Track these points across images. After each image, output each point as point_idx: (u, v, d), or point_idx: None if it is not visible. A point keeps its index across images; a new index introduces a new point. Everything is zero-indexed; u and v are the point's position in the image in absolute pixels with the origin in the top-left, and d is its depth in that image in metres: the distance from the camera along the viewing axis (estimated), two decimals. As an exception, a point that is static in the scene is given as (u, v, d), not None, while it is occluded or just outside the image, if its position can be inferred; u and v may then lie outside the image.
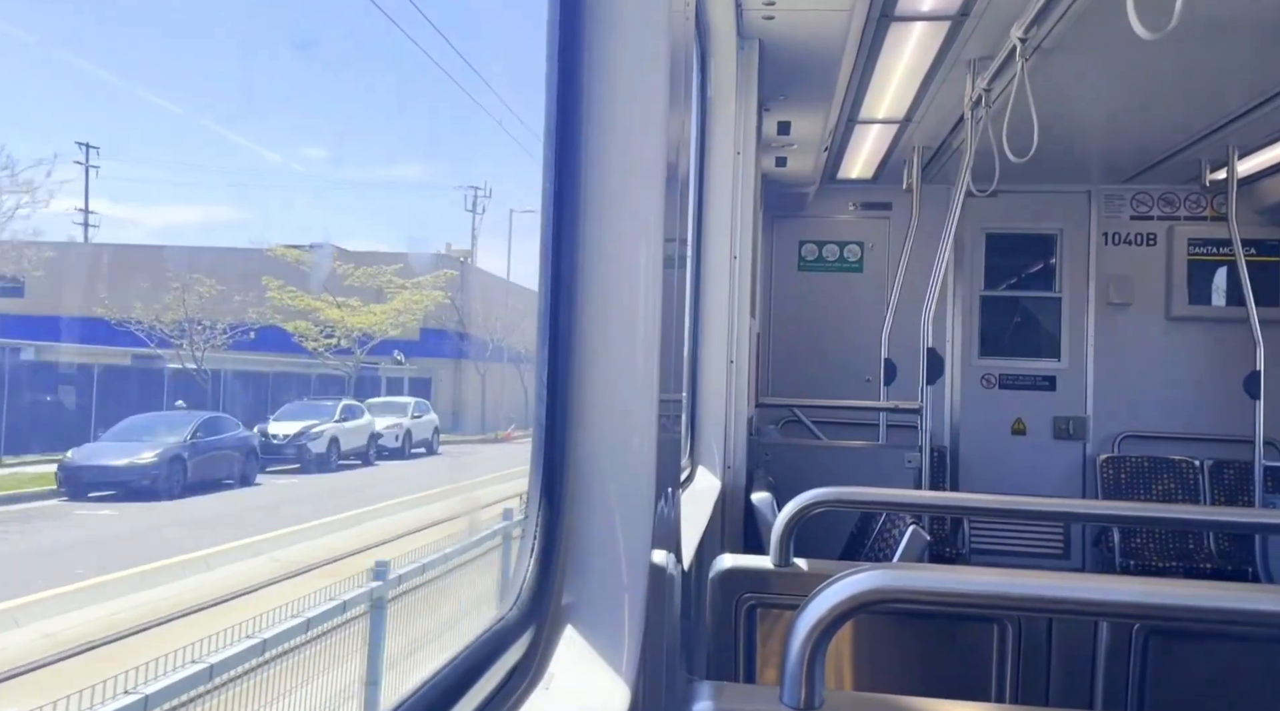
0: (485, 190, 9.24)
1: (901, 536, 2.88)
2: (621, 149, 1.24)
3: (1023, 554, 6.09)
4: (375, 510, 5.34)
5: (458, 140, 12.87)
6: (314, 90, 6.60)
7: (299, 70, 6.36)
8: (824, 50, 3.75)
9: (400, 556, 4.37)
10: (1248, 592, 0.94)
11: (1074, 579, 0.95)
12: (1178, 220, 6.29)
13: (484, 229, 9.11)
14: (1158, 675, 1.71)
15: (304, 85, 6.51)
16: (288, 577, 3.89)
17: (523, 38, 1.52)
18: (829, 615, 0.93)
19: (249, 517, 4.17)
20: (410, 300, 6.31)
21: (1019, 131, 3.70)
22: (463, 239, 9.09)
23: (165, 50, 4.01)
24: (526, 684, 1.09)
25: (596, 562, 1.21)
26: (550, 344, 1.23)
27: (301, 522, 4.53)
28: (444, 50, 5.32)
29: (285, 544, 4.11)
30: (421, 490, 6.36)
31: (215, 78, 4.60)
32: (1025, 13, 3.40)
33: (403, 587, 4.21)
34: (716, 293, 3.65)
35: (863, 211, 6.62)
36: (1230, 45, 3.71)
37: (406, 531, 5.27)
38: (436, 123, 11.16)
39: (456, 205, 9.17)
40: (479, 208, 9.16)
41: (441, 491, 6.72)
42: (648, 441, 1.24)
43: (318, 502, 4.85)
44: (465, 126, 9.13)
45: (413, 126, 13.38)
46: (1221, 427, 5.95)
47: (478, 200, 9.24)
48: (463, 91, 6.12)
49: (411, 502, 5.87)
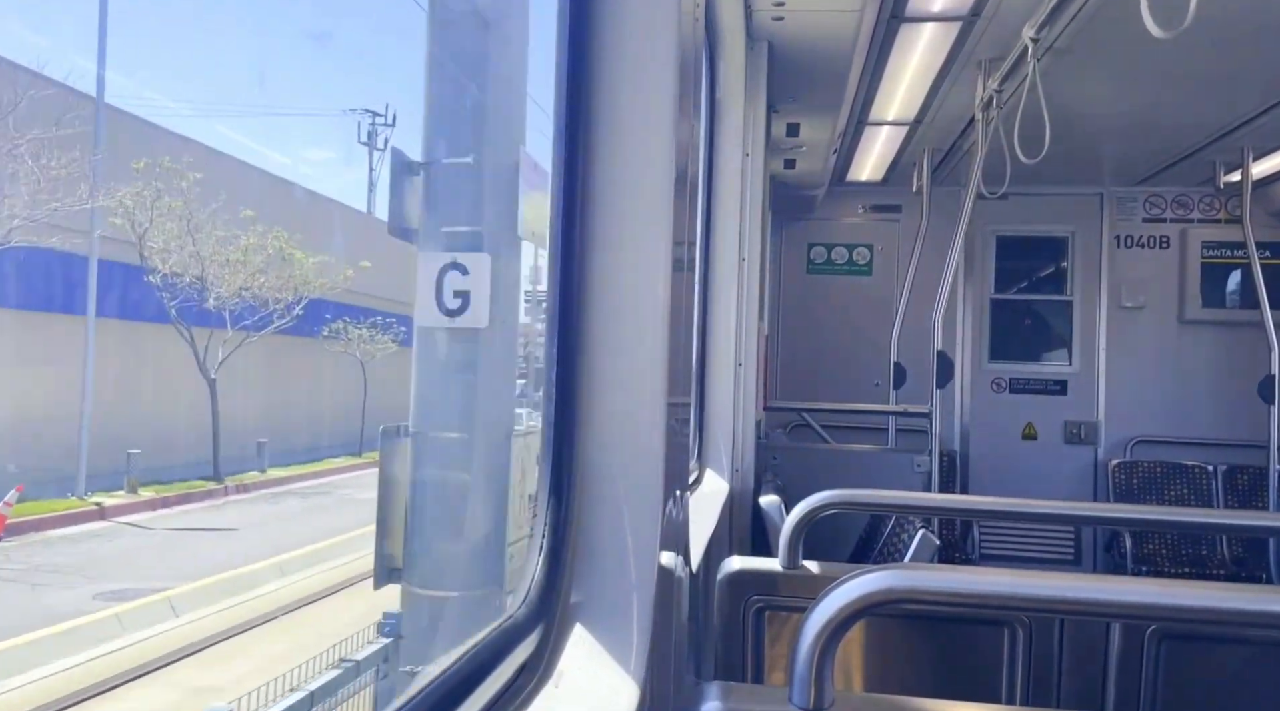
0: (387, 117, 7.12)
1: (911, 540, 2.87)
2: (631, 150, 1.24)
3: (1033, 559, 6.06)
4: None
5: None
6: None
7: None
8: (834, 51, 3.74)
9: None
10: (1264, 594, 0.93)
11: (1087, 580, 0.94)
12: (1191, 223, 6.25)
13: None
14: (1170, 679, 1.70)
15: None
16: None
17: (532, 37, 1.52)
18: (839, 614, 0.92)
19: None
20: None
21: (1030, 133, 3.68)
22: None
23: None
24: (536, 681, 1.09)
25: (605, 562, 1.21)
26: (560, 344, 1.23)
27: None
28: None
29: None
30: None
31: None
32: (1037, 13, 3.39)
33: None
34: (725, 295, 3.65)
35: (872, 214, 6.61)
36: (1245, 46, 3.68)
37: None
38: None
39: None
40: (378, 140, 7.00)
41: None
42: (656, 443, 1.24)
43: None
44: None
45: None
46: (1235, 433, 5.90)
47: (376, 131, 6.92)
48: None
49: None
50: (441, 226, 1.43)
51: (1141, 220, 6.29)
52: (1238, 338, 5.98)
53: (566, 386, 1.23)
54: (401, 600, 1.43)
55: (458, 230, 1.45)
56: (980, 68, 4.11)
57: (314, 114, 7.20)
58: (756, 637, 1.96)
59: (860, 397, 6.09)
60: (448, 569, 1.52)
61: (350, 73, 10.50)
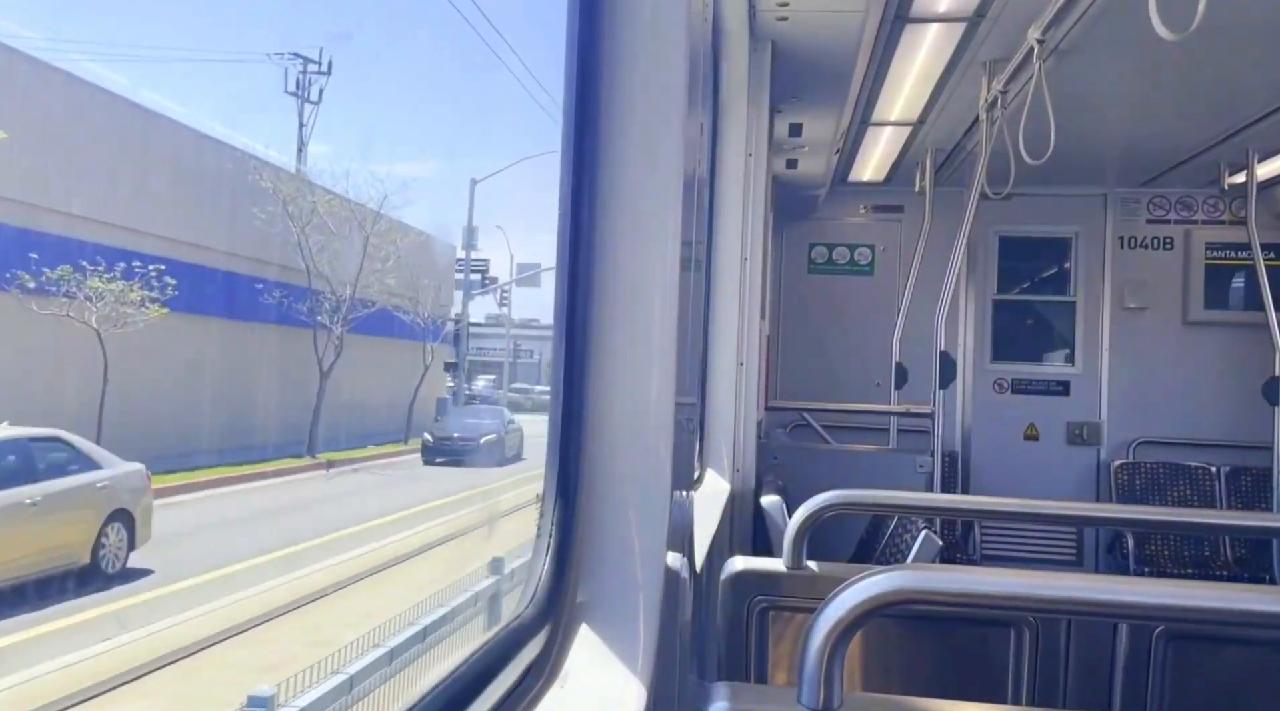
0: (321, 63, 5.56)
1: (913, 541, 2.86)
2: (641, 150, 1.24)
3: (1035, 560, 6.05)
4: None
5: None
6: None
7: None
8: (837, 52, 3.74)
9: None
10: (1271, 594, 0.93)
11: (1096, 580, 0.94)
12: (1195, 224, 6.24)
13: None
14: (1177, 680, 1.69)
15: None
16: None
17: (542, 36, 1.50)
18: (849, 615, 0.92)
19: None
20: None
21: (1035, 134, 3.68)
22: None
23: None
24: (542, 682, 1.09)
25: (611, 563, 1.21)
26: (567, 343, 1.23)
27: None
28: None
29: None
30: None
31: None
32: (1043, 14, 3.38)
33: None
34: (726, 295, 3.65)
35: (874, 214, 6.60)
36: (1250, 47, 3.68)
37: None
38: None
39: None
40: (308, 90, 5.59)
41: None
42: (663, 443, 1.24)
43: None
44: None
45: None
46: (1239, 434, 5.89)
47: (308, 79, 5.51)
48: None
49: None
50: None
51: (1145, 221, 6.28)
52: (1241, 339, 5.97)
53: (574, 386, 1.23)
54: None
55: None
56: (985, 68, 4.11)
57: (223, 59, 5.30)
58: (760, 637, 1.95)
59: (861, 398, 6.08)
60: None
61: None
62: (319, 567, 5.37)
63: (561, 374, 1.23)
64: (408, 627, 4.95)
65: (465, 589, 5.68)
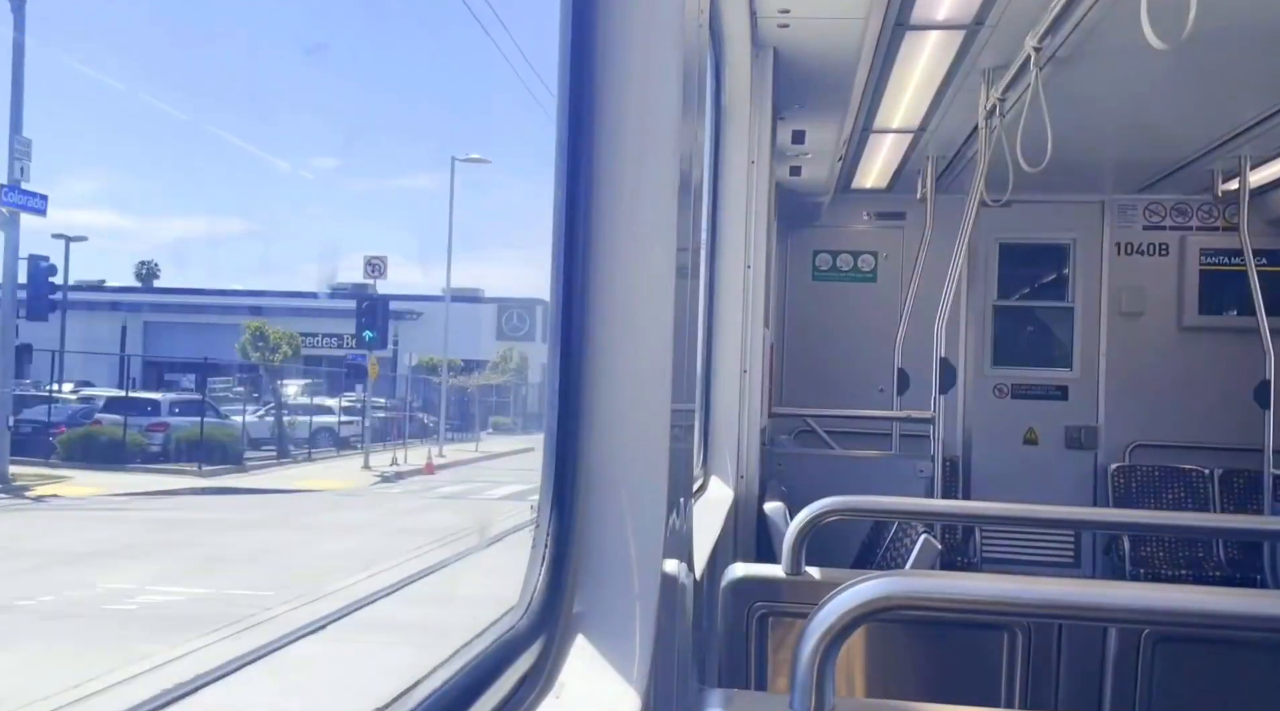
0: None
1: (913, 545, 2.86)
2: (634, 157, 1.24)
3: (1034, 563, 6.06)
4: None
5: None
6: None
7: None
8: (839, 59, 3.75)
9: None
10: (1257, 598, 0.93)
11: (1084, 585, 0.95)
12: (1190, 230, 6.26)
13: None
14: (1166, 682, 1.70)
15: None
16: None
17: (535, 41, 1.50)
18: (840, 621, 0.93)
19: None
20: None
21: (1033, 141, 3.69)
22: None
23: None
24: (537, 693, 1.09)
25: (608, 572, 1.21)
26: (562, 351, 1.23)
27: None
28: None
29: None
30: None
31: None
32: (1040, 22, 3.39)
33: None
34: (730, 302, 3.65)
35: (877, 221, 6.61)
36: (1243, 56, 3.69)
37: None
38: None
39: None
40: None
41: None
42: (660, 451, 1.24)
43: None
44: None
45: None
46: (1232, 437, 5.90)
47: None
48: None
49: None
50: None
51: (1141, 228, 6.30)
52: (1234, 343, 5.98)
53: (569, 394, 1.23)
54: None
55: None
56: (984, 76, 4.12)
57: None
58: (760, 644, 1.96)
59: (865, 404, 6.08)
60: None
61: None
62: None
63: (557, 382, 1.23)
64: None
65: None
